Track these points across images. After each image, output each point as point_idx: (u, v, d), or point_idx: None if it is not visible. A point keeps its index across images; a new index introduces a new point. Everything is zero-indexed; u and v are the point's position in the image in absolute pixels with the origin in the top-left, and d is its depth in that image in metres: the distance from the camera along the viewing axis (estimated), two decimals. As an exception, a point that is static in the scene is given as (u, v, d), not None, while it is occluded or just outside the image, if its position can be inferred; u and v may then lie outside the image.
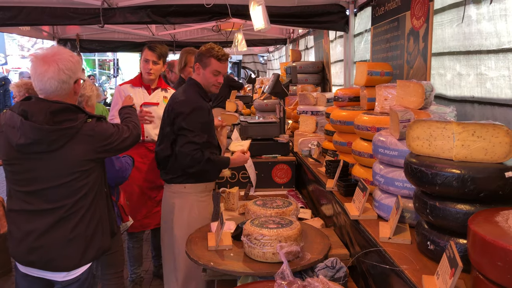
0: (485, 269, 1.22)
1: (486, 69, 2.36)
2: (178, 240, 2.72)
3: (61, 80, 2.01)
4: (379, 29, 3.88)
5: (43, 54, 2.02)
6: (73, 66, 2.05)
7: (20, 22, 4.69)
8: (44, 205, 2.05)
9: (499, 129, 1.54)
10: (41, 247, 2.06)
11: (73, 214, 2.08)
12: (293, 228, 2.00)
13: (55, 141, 1.99)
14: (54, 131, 1.97)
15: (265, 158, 3.68)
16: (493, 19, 2.28)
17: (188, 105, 2.64)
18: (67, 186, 2.05)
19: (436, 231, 1.61)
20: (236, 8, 4.57)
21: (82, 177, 2.08)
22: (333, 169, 2.77)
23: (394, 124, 2.06)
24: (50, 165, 2.03)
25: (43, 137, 1.96)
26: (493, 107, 2.33)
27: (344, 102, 3.17)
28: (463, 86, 2.59)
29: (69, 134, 2.01)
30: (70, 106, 2.06)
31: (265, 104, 5.18)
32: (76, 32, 7.64)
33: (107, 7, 4.56)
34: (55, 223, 2.06)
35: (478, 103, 2.45)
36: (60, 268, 2.10)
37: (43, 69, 1.98)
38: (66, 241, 2.07)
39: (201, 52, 2.74)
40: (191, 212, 2.74)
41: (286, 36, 8.49)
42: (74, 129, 2.02)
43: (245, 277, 1.97)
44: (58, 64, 1.99)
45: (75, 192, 2.07)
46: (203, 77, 2.74)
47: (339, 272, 1.94)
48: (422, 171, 1.60)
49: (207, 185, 2.83)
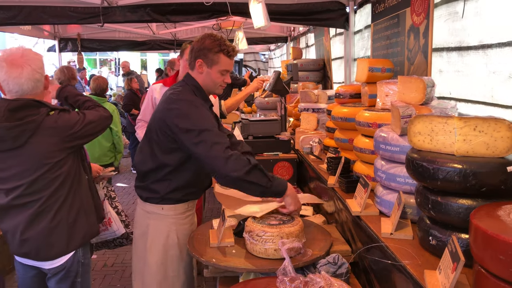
0: (487, 263, 1.21)
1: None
2: (151, 267, 2.27)
3: (35, 79, 2.10)
4: (379, 26, 3.87)
5: (11, 57, 2.07)
6: (42, 65, 2.16)
7: (20, 21, 4.71)
8: (24, 199, 2.11)
9: (501, 123, 1.54)
10: (28, 239, 2.14)
11: (52, 204, 2.14)
12: (295, 224, 2.00)
13: (18, 137, 2.03)
14: (13, 128, 2.01)
15: (267, 156, 3.68)
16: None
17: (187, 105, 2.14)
18: (41, 178, 2.10)
19: (438, 226, 1.61)
20: (236, 6, 4.57)
21: (56, 168, 2.13)
22: (334, 166, 2.77)
23: (396, 120, 2.06)
24: (20, 161, 2.07)
25: (4, 134, 2.01)
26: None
27: (345, 99, 3.16)
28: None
29: (31, 128, 2.05)
30: (30, 101, 2.10)
31: (266, 102, 5.18)
32: (77, 31, 7.66)
33: (107, 5, 4.57)
34: (36, 214, 2.12)
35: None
36: (47, 257, 2.18)
37: (18, 72, 2.05)
38: (48, 230, 2.14)
39: (205, 45, 2.18)
40: (168, 238, 2.27)
41: (287, 34, 8.49)
42: (34, 123, 2.06)
43: (247, 273, 1.97)
44: (30, 65, 2.07)
45: (50, 183, 2.12)
46: (207, 77, 2.22)
47: (341, 268, 1.94)
48: (424, 166, 1.60)
49: (189, 204, 2.34)
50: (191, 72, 2.28)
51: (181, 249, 2.29)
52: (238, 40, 7.22)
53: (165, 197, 2.24)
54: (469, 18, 2.44)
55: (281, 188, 2.09)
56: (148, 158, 2.22)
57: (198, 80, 2.24)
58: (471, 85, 2.46)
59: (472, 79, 2.46)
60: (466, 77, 2.50)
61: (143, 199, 2.31)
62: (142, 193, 2.31)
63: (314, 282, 1.61)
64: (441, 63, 2.77)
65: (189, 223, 2.36)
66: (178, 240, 2.29)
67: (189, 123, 2.07)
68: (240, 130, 3.78)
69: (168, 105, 2.16)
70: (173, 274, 2.30)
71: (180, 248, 2.29)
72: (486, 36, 2.31)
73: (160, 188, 2.23)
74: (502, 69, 2.21)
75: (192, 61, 2.24)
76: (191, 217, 2.38)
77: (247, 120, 3.85)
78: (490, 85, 2.30)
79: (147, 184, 2.27)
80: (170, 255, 2.29)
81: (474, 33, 2.42)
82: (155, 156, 2.19)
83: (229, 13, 4.57)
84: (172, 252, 2.29)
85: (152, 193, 2.26)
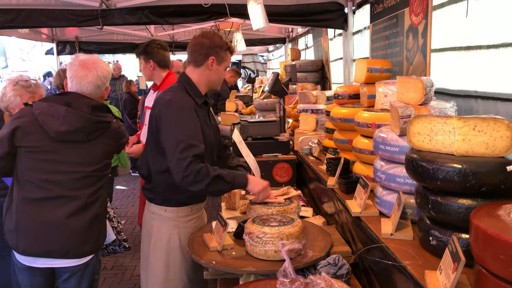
0: (488, 263, 1.21)
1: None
2: (154, 268, 2.30)
3: (97, 85, 2.30)
4: (378, 26, 3.87)
5: (84, 60, 2.30)
6: (108, 75, 2.37)
7: (19, 24, 4.70)
8: (66, 192, 2.18)
9: (500, 123, 1.54)
10: (64, 234, 2.17)
11: (93, 202, 2.26)
12: (295, 226, 1.99)
13: (93, 132, 2.24)
14: (96, 123, 2.24)
15: (266, 157, 3.67)
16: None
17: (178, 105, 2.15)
18: (91, 175, 2.25)
19: (438, 226, 1.61)
20: (234, 7, 4.58)
21: (104, 169, 2.33)
22: (334, 167, 2.77)
23: (395, 120, 2.06)
24: (82, 154, 2.23)
25: (86, 126, 2.20)
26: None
27: (344, 99, 3.16)
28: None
29: (104, 128, 2.29)
30: (103, 105, 2.34)
31: (265, 103, 5.17)
32: (75, 34, 7.65)
33: (105, 8, 4.57)
34: (79, 210, 2.20)
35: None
36: (81, 254, 2.24)
37: (84, 73, 2.27)
38: (88, 226, 2.23)
39: (216, 43, 2.22)
40: (170, 240, 2.28)
41: (285, 35, 8.49)
42: (108, 124, 2.30)
43: (247, 275, 1.97)
44: (97, 71, 2.29)
45: (95, 182, 2.28)
46: (215, 73, 2.26)
47: (342, 269, 1.93)
48: (424, 166, 1.59)
49: (193, 208, 2.34)
50: (195, 69, 2.26)
51: (183, 252, 2.30)
52: (236, 41, 7.23)
53: (166, 198, 2.27)
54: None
55: (243, 182, 2.20)
56: (149, 159, 2.26)
57: (203, 76, 2.25)
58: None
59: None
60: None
61: (148, 200, 2.37)
62: (147, 194, 2.36)
63: (314, 284, 1.61)
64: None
65: (192, 226, 2.34)
66: (180, 243, 2.29)
67: (171, 129, 2.09)
68: (239, 132, 3.77)
69: (159, 106, 2.17)
70: (175, 277, 2.30)
71: (183, 251, 2.30)
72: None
73: (162, 190, 2.26)
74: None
75: (201, 58, 2.22)
76: (195, 220, 2.37)
77: (246, 121, 3.84)
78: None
79: (151, 186, 2.31)
80: (172, 257, 2.29)
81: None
82: (156, 157, 2.22)
83: (227, 14, 4.58)
84: (174, 255, 2.29)
85: (155, 194, 2.30)
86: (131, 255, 4.65)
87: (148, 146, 2.29)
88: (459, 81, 2.63)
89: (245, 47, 7.32)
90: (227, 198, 3.10)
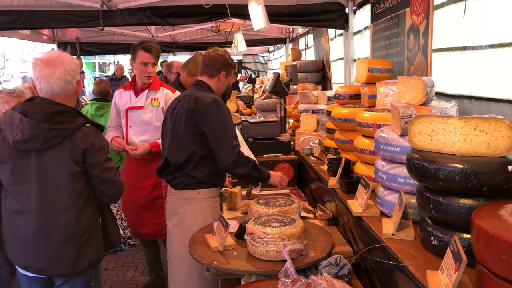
0: (490, 263, 1.21)
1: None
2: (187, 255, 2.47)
3: (67, 80, 2.14)
4: (378, 26, 3.87)
5: (47, 57, 2.13)
6: (76, 68, 2.20)
7: (20, 26, 4.70)
8: (33, 207, 2.09)
9: (502, 123, 1.54)
10: (32, 252, 2.10)
11: (67, 222, 2.12)
12: (296, 226, 2.00)
13: (49, 140, 2.08)
14: (49, 130, 2.06)
15: (267, 158, 3.67)
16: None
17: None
18: (58, 187, 2.11)
19: (440, 226, 1.61)
20: (235, 8, 4.57)
21: (76, 180, 2.13)
22: (335, 167, 2.77)
23: (396, 120, 2.06)
24: (45, 163, 2.09)
25: (40, 134, 2.05)
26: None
27: (345, 99, 3.16)
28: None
29: (64, 134, 2.10)
30: (70, 109, 2.17)
31: (265, 104, 5.17)
32: (76, 35, 7.66)
33: (106, 9, 4.57)
34: (43, 229, 2.09)
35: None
36: (51, 275, 2.17)
37: (50, 71, 2.10)
38: (56, 249, 2.12)
39: (228, 61, 2.74)
40: (205, 218, 2.61)
41: (286, 35, 8.49)
42: (68, 130, 2.11)
43: (248, 275, 1.97)
44: (63, 66, 2.12)
45: (66, 197, 2.12)
46: (223, 84, 2.78)
47: (343, 269, 1.93)
48: (425, 166, 1.59)
49: (217, 190, 2.75)
50: (209, 79, 2.72)
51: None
52: (237, 42, 7.22)
53: (202, 181, 2.62)
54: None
55: (267, 174, 2.70)
56: (182, 149, 2.59)
57: (214, 86, 2.74)
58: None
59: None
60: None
61: (179, 188, 2.65)
62: (179, 182, 2.64)
63: (316, 284, 1.61)
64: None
65: (218, 207, 2.75)
66: (212, 220, 2.59)
67: (222, 123, 2.56)
68: (240, 132, 3.78)
69: (204, 103, 2.56)
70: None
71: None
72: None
73: (197, 174, 2.60)
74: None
75: (215, 71, 2.72)
76: (219, 202, 2.78)
77: (247, 121, 3.85)
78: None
79: (185, 173, 2.61)
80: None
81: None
82: (197, 145, 2.56)
83: (228, 15, 4.57)
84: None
85: (190, 178, 2.61)
86: (132, 255, 4.65)
87: (179, 137, 2.59)
88: (455, 82, 2.63)
89: (246, 47, 7.32)
90: (228, 198, 3.11)
